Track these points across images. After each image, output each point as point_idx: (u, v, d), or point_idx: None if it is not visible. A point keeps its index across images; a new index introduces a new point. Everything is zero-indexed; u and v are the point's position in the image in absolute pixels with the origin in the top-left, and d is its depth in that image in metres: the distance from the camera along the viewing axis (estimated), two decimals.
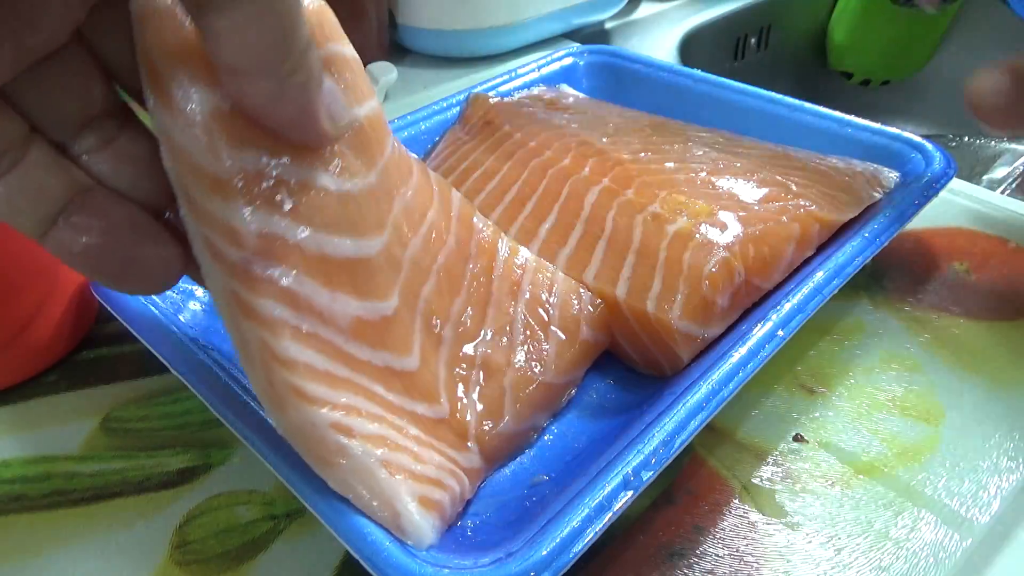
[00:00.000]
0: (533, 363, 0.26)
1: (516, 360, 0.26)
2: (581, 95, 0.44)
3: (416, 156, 0.27)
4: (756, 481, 0.27)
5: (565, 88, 0.44)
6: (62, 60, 0.17)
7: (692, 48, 0.68)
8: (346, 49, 0.22)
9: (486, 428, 0.24)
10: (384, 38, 0.57)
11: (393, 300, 0.23)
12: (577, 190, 0.32)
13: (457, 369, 0.25)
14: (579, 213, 0.31)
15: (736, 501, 0.26)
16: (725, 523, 0.25)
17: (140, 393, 0.31)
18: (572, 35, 0.64)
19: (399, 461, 0.21)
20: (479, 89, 0.42)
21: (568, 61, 0.46)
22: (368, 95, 0.23)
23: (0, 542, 0.25)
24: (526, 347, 0.26)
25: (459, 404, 0.24)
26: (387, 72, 0.54)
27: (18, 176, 0.17)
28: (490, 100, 0.40)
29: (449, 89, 0.56)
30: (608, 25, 0.70)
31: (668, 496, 0.26)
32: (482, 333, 0.26)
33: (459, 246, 0.26)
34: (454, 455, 0.23)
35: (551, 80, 0.45)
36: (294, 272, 0.20)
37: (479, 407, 0.25)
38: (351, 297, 0.21)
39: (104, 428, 0.29)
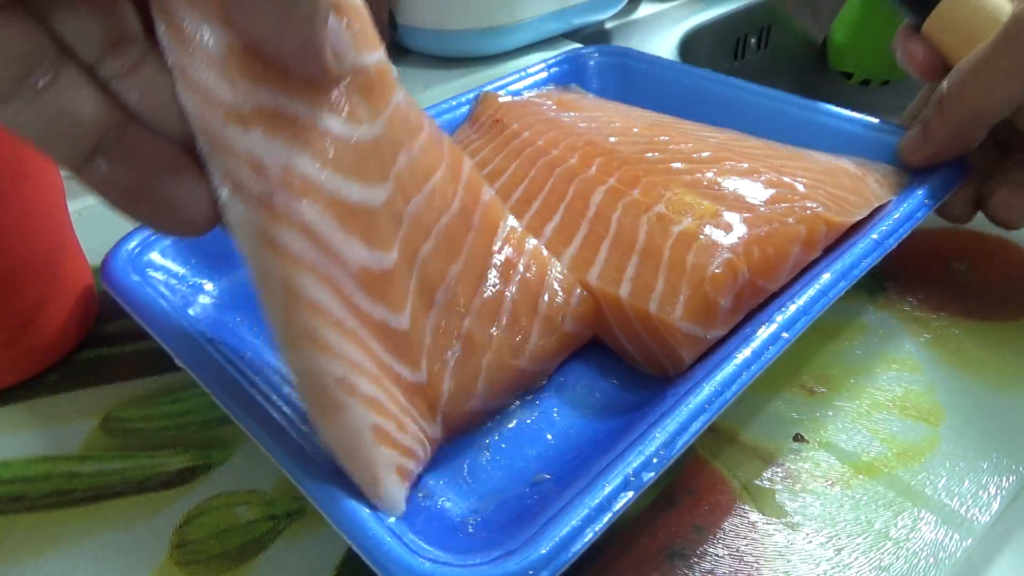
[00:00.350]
0: (512, 348, 0.26)
1: (497, 341, 0.26)
2: (591, 95, 0.44)
3: (430, 115, 0.26)
4: (756, 481, 0.27)
5: (575, 88, 0.44)
6: None
7: (692, 48, 0.68)
8: None
9: (455, 404, 0.25)
10: (384, 38, 0.57)
11: (393, 253, 0.23)
12: (583, 190, 0.32)
13: (441, 337, 0.25)
14: (584, 213, 0.31)
15: (736, 501, 0.26)
16: (725, 523, 0.25)
17: (140, 393, 0.31)
18: (572, 35, 0.64)
19: (386, 429, 0.21)
20: (489, 88, 0.42)
21: (578, 61, 0.46)
22: (375, 45, 0.23)
23: (0, 542, 0.25)
24: (509, 330, 0.26)
25: (436, 374, 0.24)
26: None
27: (54, 96, 0.17)
28: (499, 99, 0.40)
29: (449, 89, 0.56)
30: (608, 25, 0.70)
31: (669, 496, 0.26)
32: (471, 306, 0.26)
33: (463, 212, 0.26)
34: (423, 424, 0.24)
35: (561, 79, 0.45)
36: (315, 209, 0.20)
37: (453, 382, 0.25)
38: (360, 244, 0.22)
39: (104, 428, 0.29)
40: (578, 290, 0.28)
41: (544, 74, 0.45)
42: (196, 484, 0.27)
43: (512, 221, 0.28)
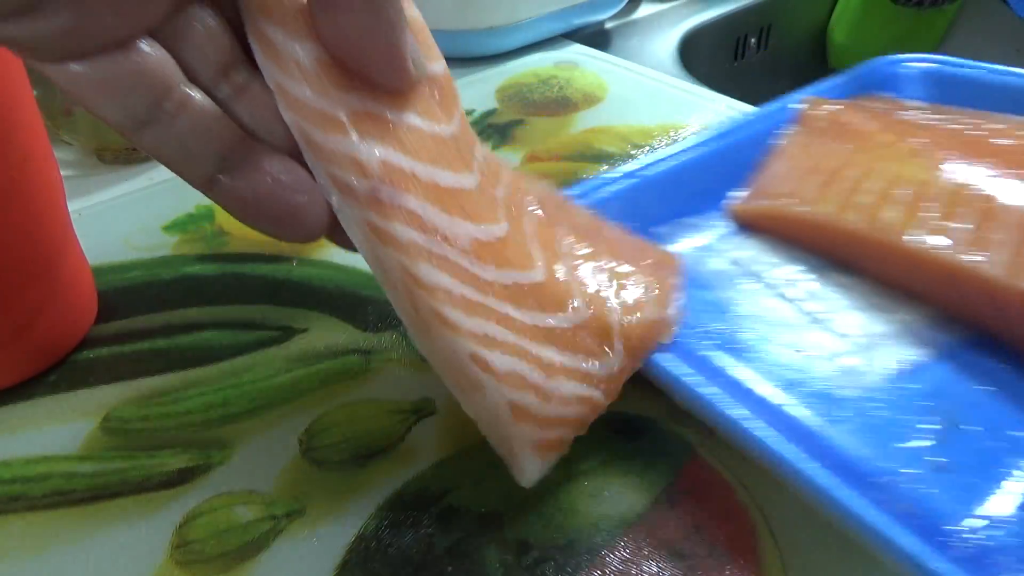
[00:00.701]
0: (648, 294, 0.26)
1: (632, 285, 0.26)
2: (920, 103, 0.41)
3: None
4: (756, 481, 0.27)
5: (894, 96, 0.43)
6: (195, 11, 0.20)
7: (692, 48, 0.68)
8: (415, 12, 0.23)
9: (630, 319, 0.25)
10: None
11: (503, 224, 0.24)
12: (983, 189, 0.29)
13: (582, 276, 0.25)
14: (997, 214, 0.28)
15: (736, 501, 0.26)
16: (725, 523, 0.25)
17: (140, 393, 0.31)
18: (572, 35, 0.64)
19: (526, 403, 0.22)
20: (801, 97, 0.41)
21: (885, 69, 0.44)
22: (439, 56, 0.24)
23: (0, 542, 0.25)
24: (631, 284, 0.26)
25: (599, 305, 0.25)
26: None
27: (186, 118, 0.19)
28: (833, 105, 0.39)
29: None
30: (608, 25, 0.70)
31: (668, 496, 0.26)
32: (589, 259, 0.26)
33: (519, 210, 0.27)
34: (591, 367, 0.24)
35: (868, 89, 0.43)
36: (416, 198, 0.22)
37: (618, 300, 0.25)
38: (466, 221, 0.23)
39: (104, 428, 0.29)
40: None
41: (849, 85, 0.43)
42: (196, 484, 0.27)
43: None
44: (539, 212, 0.26)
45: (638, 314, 0.25)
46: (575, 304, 0.24)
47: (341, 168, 0.21)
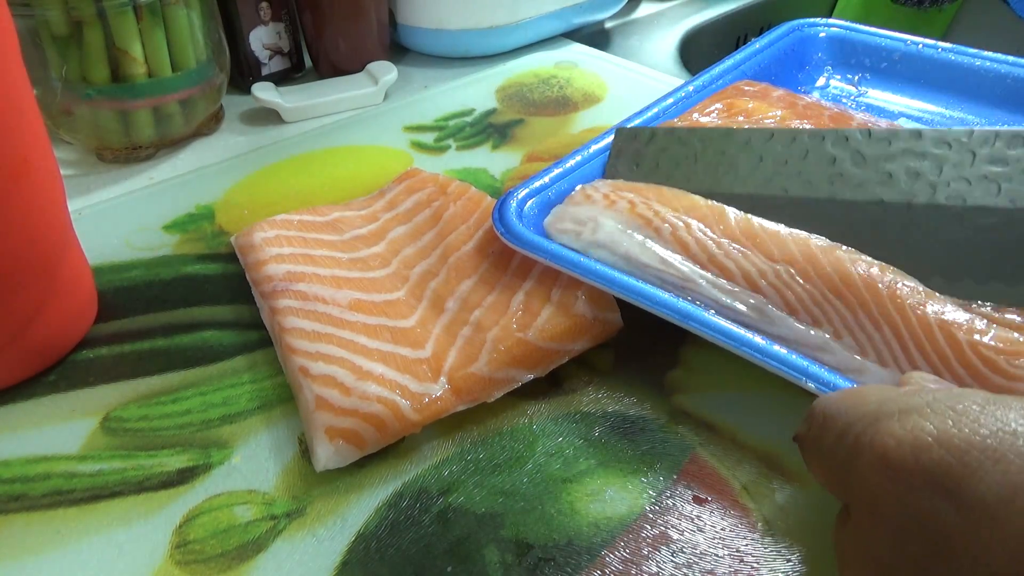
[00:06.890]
0: (521, 325, 0.30)
1: (504, 321, 0.30)
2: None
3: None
4: (756, 481, 0.27)
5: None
6: None
7: (692, 47, 0.68)
8: None
9: (458, 368, 0.29)
10: (384, 38, 0.57)
11: (400, 292, 0.33)
12: None
13: (452, 326, 0.31)
14: None
15: (736, 501, 0.26)
16: (725, 523, 0.25)
17: (140, 393, 0.31)
18: (572, 35, 0.64)
19: (327, 395, 0.27)
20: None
21: (798, 34, 0.50)
22: None
23: (0, 542, 0.25)
24: (519, 314, 0.31)
25: (442, 350, 0.30)
26: (387, 71, 0.54)
27: None
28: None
29: (449, 88, 0.56)
30: (608, 25, 0.70)
31: (669, 496, 0.26)
32: (483, 303, 0.31)
33: (478, 248, 0.34)
34: (407, 381, 0.28)
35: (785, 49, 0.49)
36: (306, 284, 0.32)
37: (458, 353, 0.29)
38: (351, 290, 0.32)
39: (104, 428, 0.29)
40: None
41: (769, 46, 0.49)
42: (196, 484, 0.27)
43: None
44: (454, 267, 0.33)
45: (467, 365, 0.29)
46: (427, 346, 0.30)
47: (261, 288, 0.32)
